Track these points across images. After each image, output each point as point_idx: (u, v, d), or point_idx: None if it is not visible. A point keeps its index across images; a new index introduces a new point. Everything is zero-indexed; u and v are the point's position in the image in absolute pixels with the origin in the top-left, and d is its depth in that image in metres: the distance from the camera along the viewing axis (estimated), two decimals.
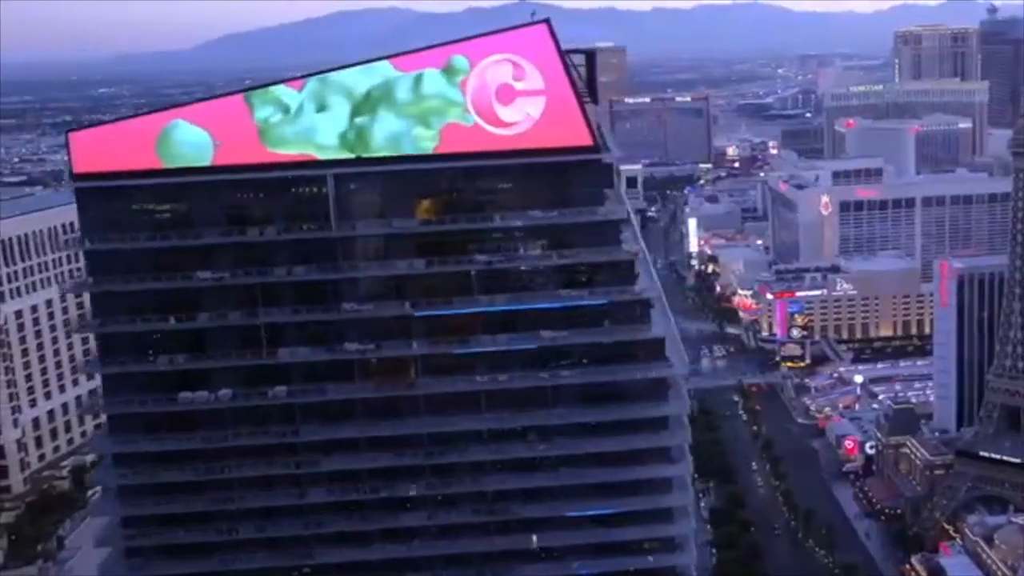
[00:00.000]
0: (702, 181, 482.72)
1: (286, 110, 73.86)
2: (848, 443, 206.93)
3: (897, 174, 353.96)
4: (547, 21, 74.22)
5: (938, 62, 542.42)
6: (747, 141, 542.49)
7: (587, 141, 75.26)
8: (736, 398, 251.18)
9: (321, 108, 73.52)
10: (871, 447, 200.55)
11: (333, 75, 74.18)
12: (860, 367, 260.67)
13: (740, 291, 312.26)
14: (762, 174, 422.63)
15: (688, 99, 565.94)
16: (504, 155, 75.16)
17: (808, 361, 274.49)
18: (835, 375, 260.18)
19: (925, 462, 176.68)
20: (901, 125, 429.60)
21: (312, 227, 76.54)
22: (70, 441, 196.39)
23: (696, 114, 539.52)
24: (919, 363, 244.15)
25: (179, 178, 74.97)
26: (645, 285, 78.08)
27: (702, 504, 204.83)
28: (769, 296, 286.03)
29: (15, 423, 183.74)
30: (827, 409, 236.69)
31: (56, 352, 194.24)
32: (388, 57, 74.75)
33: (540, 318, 78.12)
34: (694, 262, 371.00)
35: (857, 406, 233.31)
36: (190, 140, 74.92)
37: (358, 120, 73.48)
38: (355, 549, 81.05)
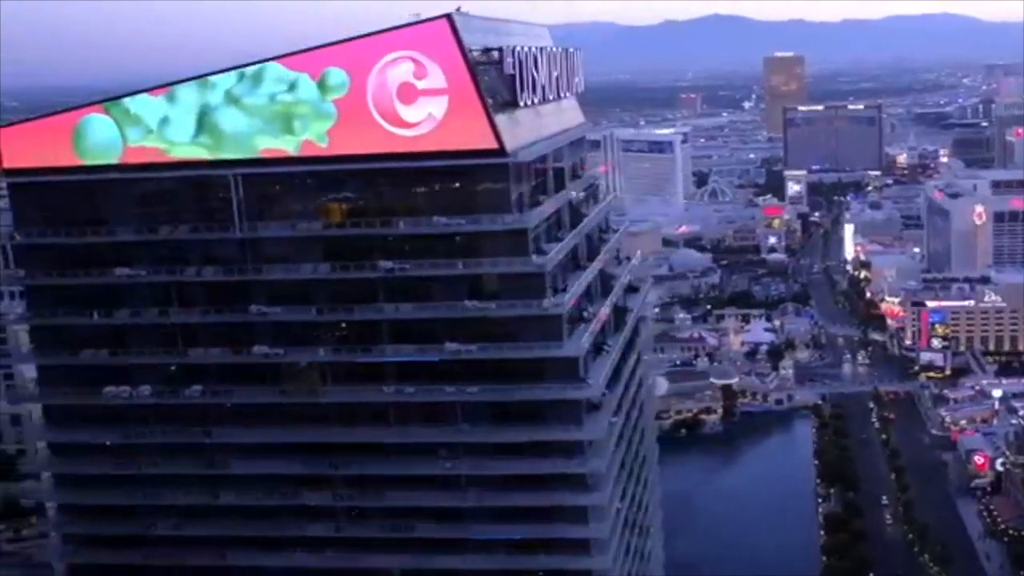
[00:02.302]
0: (869, 188, 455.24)
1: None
2: (978, 458, 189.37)
3: None
4: (448, 16, 64.65)
5: None
6: (918, 149, 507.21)
7: (491, 144, 65.19)
8: (871, 405, 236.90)
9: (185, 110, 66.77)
10: (1002, 464, 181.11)
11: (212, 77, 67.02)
12: (1004, 381, 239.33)
13: (888, 298, 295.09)
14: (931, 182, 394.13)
15: (861, 107, 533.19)
16: (404, 157, 66.18)
17: (949, 372, 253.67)
18: (975, 388, 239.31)
19: None
20: None
21: (217, 228, 69.91)
22: None
23: (869, 122, 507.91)
24: None
25: (85, 176, 69.79)
26: (556, 300, 67.23)
27: (819, 510, 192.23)
28: (913, 304, 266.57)
29: None
30: (962, 422, 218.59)
31: None
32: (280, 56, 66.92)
33: (446, 330, 68.48)
34: (848, 267, 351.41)
35: (995, 421, 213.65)
36: (101, 136, 69.62)
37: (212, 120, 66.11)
38: (267, 554, 74.06)
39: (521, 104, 68.66)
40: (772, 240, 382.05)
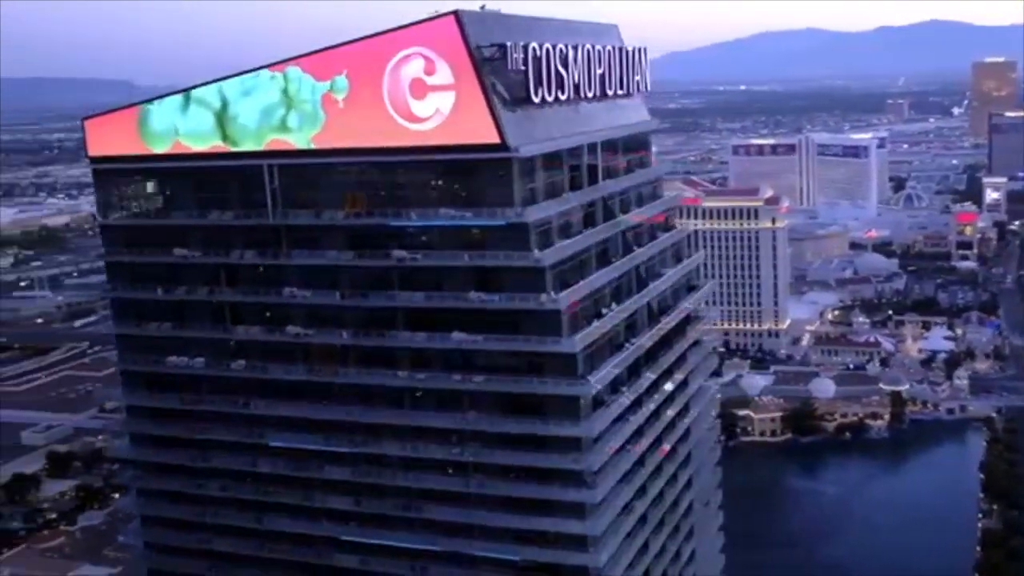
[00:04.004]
0: None
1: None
2: None
3: None
4: (456, 14, 62.51)
5: None
6: None
7: (494, 139, 62.56)
8: None
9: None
10: None
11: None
12: None
13: None
14: None
15: None
16: (413, 151, 64.70)
17: None
18: None
19: None
20: None
21: (254, 215, 70.76)
22: None
23: None
24: None
25: (146, 164, 72.45)
26: (554, 296, 63.79)
27: (979, 525, 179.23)
28: None
29: None
30: None
31: None
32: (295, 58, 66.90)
33: (455, 319, 66.42)
34: None
35: None
36: (159, 128, 72.05)
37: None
38: (297, 521, 74.54)
39: (536, 100, 65.48)
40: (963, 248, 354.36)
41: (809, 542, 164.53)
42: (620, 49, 77.47)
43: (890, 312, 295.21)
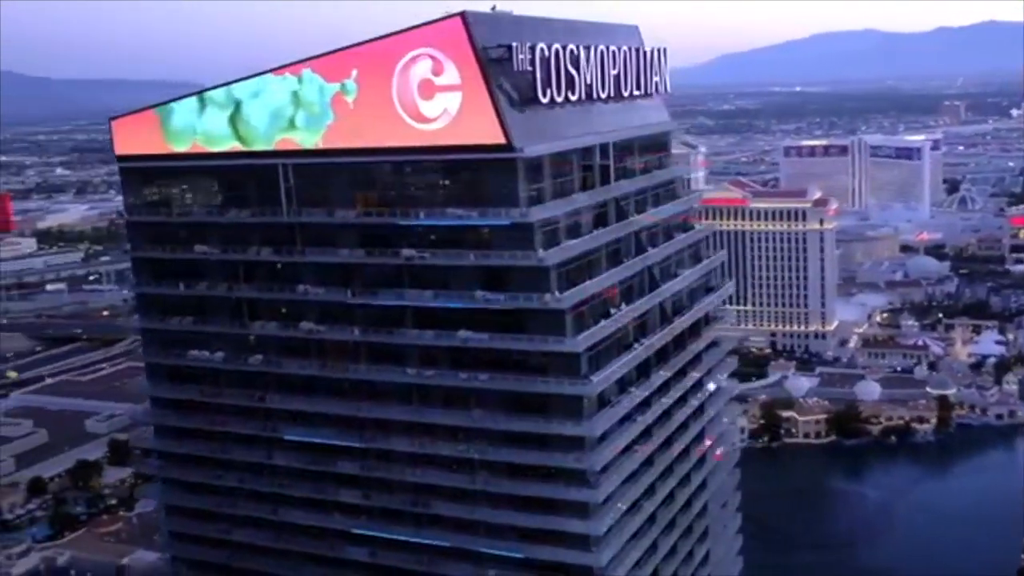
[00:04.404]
0: None
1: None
2: None
3: None
4: (462, 15, 61.88)
5: None
6: None
7: (500, 139, 61.84)
8: None
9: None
10: None
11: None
12: None
13: None
14: None
15: None
16: (421, 151, 64.30)
17: None
18: None
19: None
20: None
21: (269, 212, 70.90)
22: None
23: None
24: None
25: (164, 163, 73.00)
26: (558, 296, 62.85)
27: None
28: None
29: None
30: None
31: None
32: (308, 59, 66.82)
33: (461, 318, 65.82)
34: None
35: None
36: (179, 128, 72.58)
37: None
38: (310, 514, 74.60)
39: (544, 101, 64.64)
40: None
41: (852, 545, 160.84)
42: (637, 50, 76.20)
43: (940, 315, 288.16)
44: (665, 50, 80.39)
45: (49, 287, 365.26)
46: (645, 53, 77.22)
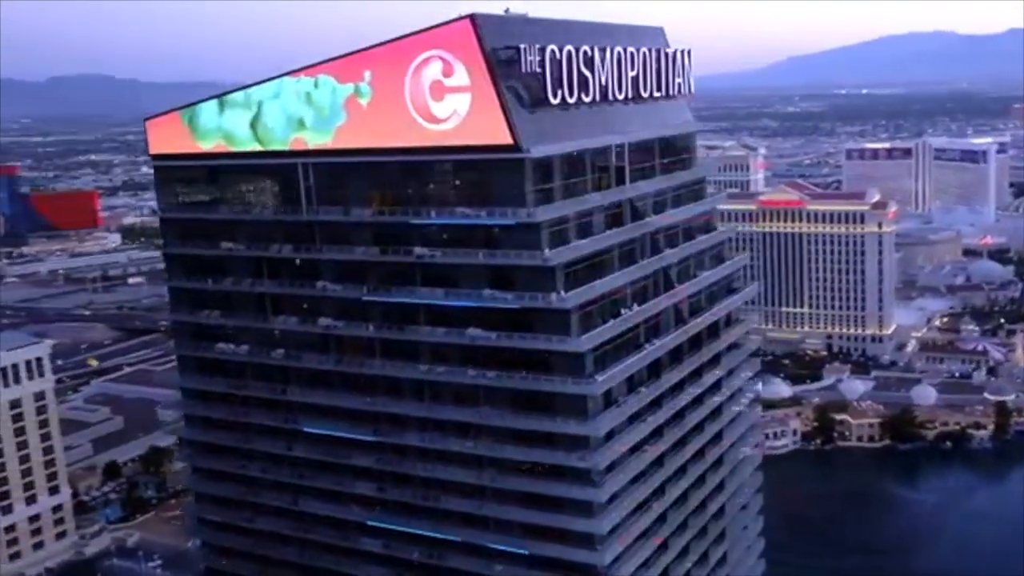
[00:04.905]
0: None
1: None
2: None
3: None
4: (472, 17, 61.18)
5: None
6: None
7: (507, 140, 61.04)
8: None
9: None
10: None
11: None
12: None
13: None
14: None
15: None
16: (431, 151, 63.84)
17: None
18: None
19: None
20: None
21: (289, 211, 71.16)
22: None
23: None
24: None
25: (192, 162, 73.85)
26: (563, 295, 61.78)
27: None
28: None
29: None
30: None
31: None
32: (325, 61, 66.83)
33: (471, 316, 65.17)
34: None
35: None
36: (204, 129, 73.26)
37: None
38: (329, 505, 74.76)
39: (555, 102, 63.61)
40: None
41: (904, 551, 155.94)
42: (659, 51, 74.60)
43: (1002, 320, 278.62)
44: (689, 51, 78.67)
45: (131, 280, 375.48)
46: (667, 54, 75.60)
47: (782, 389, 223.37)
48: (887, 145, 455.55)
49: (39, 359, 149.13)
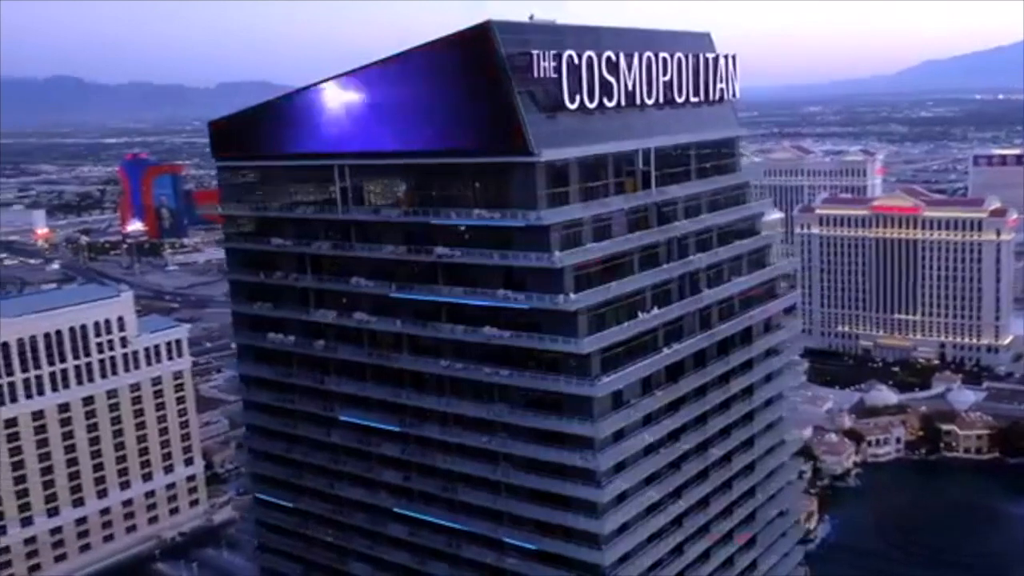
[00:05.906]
0: None
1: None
2: None
3: None
4: (487, 23, 60.32)
5: None
6: None
7: (519, 144, 59.81)
8: None
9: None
10: None
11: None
12: None
13: None
14: None
15: None
16: (450, 153, 63.43)
17: None
18: None
19: None
20: None
21: (327, 210, 72.10)
22: None
23: None
24: None
25: (247, 162, 75.95)
26: (571, 297, 60.20)
27: None
28: None
29: None
30: None
31: None
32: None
33: (487, 315, 64.55)
34: None
35: None
36: (255, 132, 75.15)
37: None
38: (361, 490, 75.57)
39: (572, 107, 62.12)
40: None
41: (1004, 568, 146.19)
42: (696, 56, 71.93)
43: None
44: (735, 57, 75.72)
45: None
46: (707, 60, 72.92)
47: (888, 396, 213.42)
48: (1016, 152, 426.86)
49: (179, 341, 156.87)
